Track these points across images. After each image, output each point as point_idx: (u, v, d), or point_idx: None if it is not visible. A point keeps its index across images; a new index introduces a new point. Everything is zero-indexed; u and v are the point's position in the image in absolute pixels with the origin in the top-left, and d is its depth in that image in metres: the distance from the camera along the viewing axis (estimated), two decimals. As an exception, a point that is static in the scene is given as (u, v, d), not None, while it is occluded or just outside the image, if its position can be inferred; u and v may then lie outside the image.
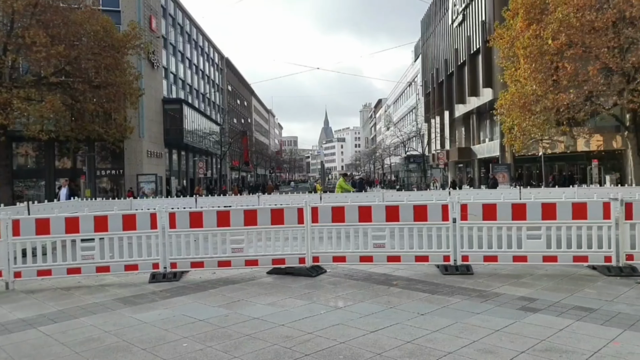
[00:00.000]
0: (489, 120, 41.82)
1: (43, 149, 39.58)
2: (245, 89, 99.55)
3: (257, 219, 8.42)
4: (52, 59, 27.77)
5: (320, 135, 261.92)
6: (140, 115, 40.42)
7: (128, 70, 31.87)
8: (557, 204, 7.84)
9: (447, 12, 51.26)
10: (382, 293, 6.93)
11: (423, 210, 8.25)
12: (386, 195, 20.31)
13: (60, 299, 7.30)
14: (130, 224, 8.25)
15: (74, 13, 28.86)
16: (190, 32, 62.61)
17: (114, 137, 33.17)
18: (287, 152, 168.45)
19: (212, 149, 60.47)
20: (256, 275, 8.47)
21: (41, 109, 26.38)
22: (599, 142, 32.72)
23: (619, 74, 23.16)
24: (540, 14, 25.04)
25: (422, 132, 62.16)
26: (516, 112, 26.11)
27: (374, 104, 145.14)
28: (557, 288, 6.86)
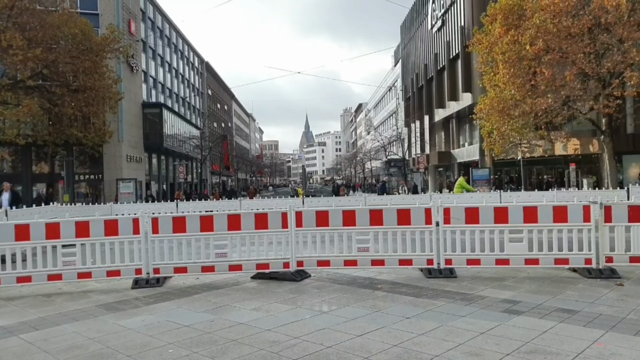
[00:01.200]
0: (469, 125, 42.23)
1: (20, 154, 38.94)
2: (225, 92, 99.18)
3: (240, 223, 8.38)
4: (29, 62, 27.39)
5: (301, 139, 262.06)
6: (120, 120, 40.05)
7: (107, 74, 31.60)
8: (539, 208, 7.95)
9: (426, 18, 51.70)
10: (367, 297, 6.95)
11: (406, 214, 8.29)
12: (368, 200, 20.39)
13: (41, 306, 7.19)
14: (112, 229, 8.16)
15: (52, 16, 28.52)
16: (170, 36, 62.24)
17: (93, 141, 32.84)
18: (267, 157, 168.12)
19: (193, 153, 60.14)
20: (240, 280, 8.43)
21: (18, 112, 26.02)
22: (576, 146, 33.27)
23: (595, 79, 23.61)
24: (518, 19, 25.43)
25: (403, 136, 62.50)
26: (495, 116, 26.44)
27: (353, 108, 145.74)
28: (540, 290, 6.95)
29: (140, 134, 46.56)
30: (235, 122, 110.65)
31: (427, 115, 53.06)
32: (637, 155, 32.55)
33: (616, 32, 22.58)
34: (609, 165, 25.63)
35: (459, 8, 40.63)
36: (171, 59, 61.87)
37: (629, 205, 7.86)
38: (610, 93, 23.07)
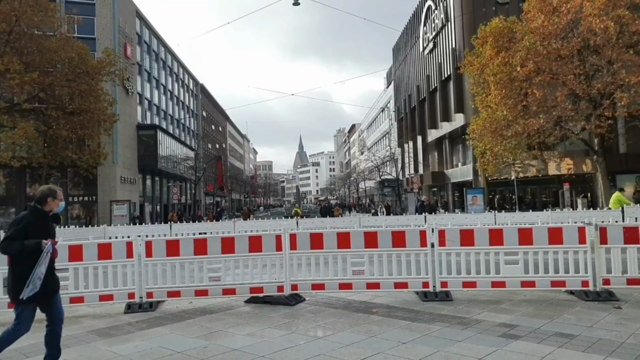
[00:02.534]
0: (462, 145, 42.43)
1: (14, 176, 38.75)
2: (219, 114, 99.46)
3: (234, 246, 8.34)
4: (26, 86, 27.49)
5: (295, 160, 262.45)
6: (114, 141, 40.02)
7: (102, 96, 31.66)
8: (534, 229, 7.94)
9: (418, 40, 52.21)
10: (363, 321, 6.89)
11: (401, 236, 8.27)
12: (362, 221, 20.34)
13: (32, 332, 7.00)
14: (105, 253, 8.10)
15: (49, 40, 28.69)
16: (165, 59, 62.58)
17: (88, 163, 32.77)
18: (261, 177, 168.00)
19: (187, 175, 60.06)
20: (234, 305, 8.35)
21: (14, 135, 25.98)
22: (570, 165, 33.43)
23: (585, 100, 23.84)
24: (508, 42, 25.74)
25: (396, 156, 62.68)
26: (488, 137, 26.57)
27: (346, 129, 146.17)
28: (537, 314, 6.91)
29: (134, 156, 46.51)
30: (230, 143, 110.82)
31: (420, 135, 53.29)
32: (630, 175, 32.73)
33: (605, 54, 22.87)
34: (603, 185, 25.75)
35: (450, 31, 41.08)
36: (166, 81, 62.11)
37: (624, 227, 7.87)
38: (602, 113, 23.28)
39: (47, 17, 28.38)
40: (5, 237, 4.80)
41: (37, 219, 4.95)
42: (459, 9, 39.06)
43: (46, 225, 5.04)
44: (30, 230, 4.82)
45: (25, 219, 4.88)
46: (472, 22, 36.08)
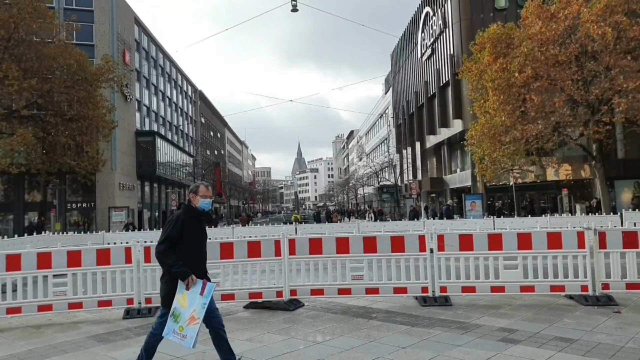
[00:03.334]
0: (460, 151, 42.45)
1: (12, 183, 38.73)
2: (218, 120, 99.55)
3: (233, 251, 8.33)
4: (25, 93, 27.51)
5: (294, 166, 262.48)
6: (113, 148, 40.05)
7: (101, 103, 31.68)
8: (532, 234, 7.95)
9: (416, 46, 52.33)
10: (362, 326, 6.88)
11: (400, 241, 8.27)
12: (361, 226, 20.33)
13: (31, 338, 7.06)
14: (104, 258, 8.09)
15: (48, 47, 28.72)
16: (164, 66, 62.69)
17: (86, 169, 32.75)
18: (260, 183, 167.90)
19: (185, 181, 60.06)
20: (233, 310, 8.33)
21: (12, 142, 25.96)
22: (568, 171, 33.48)
23: (583, 106, 23.88)
24: (506, 48, 25.79)
25: (395, 162, 62.70)
26: (486, 142, 26.58)
27: (344, 135, 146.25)
28: (536, 318, 6.90)
29: (133, 162, 46.51)
30: (228, 149, 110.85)
31: (419, 141, 53.34)
32: (628, 181, 32.77)
33: (603, 60, 22.92)
34: (601, 191, 25.76)
35: (448, 37, 41.18)
36: (165, 87, 62.20)
37: (623, 232, 7.87)
38: (600, 119, 23.30)
39: (46, 23, 28.43)
40: (165, 237, 4.74)
41: (191, 217, 4.89)
42: (457, 15, 39.20)
43: (199, 224, 4.97)
44: (185, 229, 4.77)
45: (180, 217, 4.83)
46: (470, 28, 36.19)
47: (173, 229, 4.74)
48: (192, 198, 4.95)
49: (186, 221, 4.81)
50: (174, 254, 4.69)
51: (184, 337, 4.52)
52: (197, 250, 4.88)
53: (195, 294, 4.56)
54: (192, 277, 4.62)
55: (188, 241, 4.78)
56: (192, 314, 4.52)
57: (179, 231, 4.74)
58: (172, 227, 4.74)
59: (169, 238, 4.71)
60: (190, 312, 4.53)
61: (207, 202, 4.98)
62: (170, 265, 4.66)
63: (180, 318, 4.57)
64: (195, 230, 4.87)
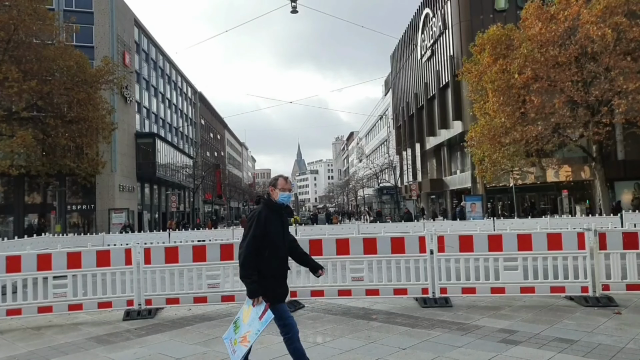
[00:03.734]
0: (460, 152, 42.47)
1: (12, 184, 38.72)
2: (218, 122, 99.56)
3: (233, 253, 8.32)
4: (24, 94, 27.51)
5: (294, 168, 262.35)
6: (113, 150, 40.05)
7: (101, 104, 31.69)
8: (533, 235, 7.94)
9: (416, 48, 52.38)
10: (362, 327, 6.87)
11: (400, 242, 8.26)
12: (361, 227, 20.34)
13: (31, 339, 7.06)
14: (104, 260, 8.09)
15: (47, 49, 28.72)
16: (164, 67, 62.71)
17: (86, 171, 32.75)
18: (260, 185, 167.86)
19: (185, 183, 60.06)
20: (233, 312, 8.31)
21: (12, 144, 25.98)
22: (568, 172, 33.48)
23: (583, 107, 23.89)
24: (506, 49, 25.82)
25: (394, 164, 62.72)
26: (486, 144, 26.60)
27: (344, 137, 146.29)
28: (537, 319, 6.90)
29: (133, 164, 46.51)
30: (228, 150, 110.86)
31: (419, 143, 53.35)
32: (628, 182, 32.78)
33: (603, 61, 22.95)
34: (601, 192, 25.78)
35: (448, 38, 41.22)
36: (164, 89, 62.22)
37: (623, 233, 7.87)
38: (600, 120, 23.33)
39: (46, 25, 28.43)
40: (250, 236, 4.43)
41: (271, 211, 4.58)
42: (456, 17, 39.23)
43: (280, 218, 4.66)
44: (268, 224, 4.47)
45: (262, 213, 4.51)
46: (470, 29, 36.23)
47: (257, 226, 4.44)
48: (271, 191, 4.68)
49: (268, 217, 4.51)
50: (255, 258, 4.41)
51: (234, 352, 4.35)
52: (281, 247, 4.61)
53: (256, 314, 4.34)
54: (259, 298, 4.35)
55: (272, 238, 4.50)
56: (246, 333, 4.35)
57: (263, 228, 4.45)
58: (256, 225, 4.45)
59: (255, 237, 4.43)
60: (246, 330, 4.36)
61: (287, 195, 4.69)
62: (244, 277, 4.42)
63: (239, 330, 4.41)
64: (278, 226, 4.59)
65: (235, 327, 4.44)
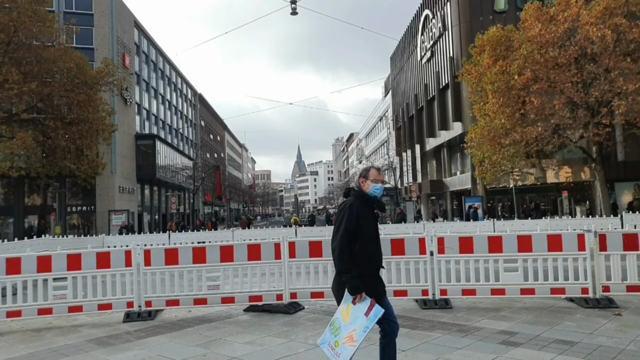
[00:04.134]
0: (460, 153, 42.47)
1: (12, 186, 38.75)
2: (218, 123, 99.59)
3: (233, 254, 8.32)
4: (25, 96, 27.53)
5: (294, 169, 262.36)
6: (113, 151, 40.09)
7: (101, 106, 31.72)
8: (533, 236, 7.93)
9: (415, 49, 52.41)
10: (362, 329, 6.85)
11: (400, 243, 8.25)
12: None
13: (31, 342, 7.05)
14: (104, 262, 8.08)
15: (47, 51, 28.75)
16: (164, 69, 62.76)
17: (86, 173, 32.77)
18: (260, 186, 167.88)
19: (185, 184, 60.08)
20: (233, 313, 8.32)
21: (12, 145, 26.00)
22: (568, 173, 33.49)
23: (583, 108, 23.89)
24: (505, 50, 25.83)
25: (395, 165, 62.71)
26: (486, 145, 26.60)
27: (343, 138, 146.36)
28: (537, 321, 6.89)
29: (133, 166, 46.54)
30: (228, 152, 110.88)
31: (418, 144, 53.36)
32: (628, 183, 32.79)
33: (602, 62, 22.95)
34: (602, 193, 25.77)
35: (448, 39, 41.24)
36: (164, 91, 62.25)
37: (623, 234, 7.86)
38: (599, 121, 23.33)
39: (46, 27, 28.44)
40: (343, 230, 4.09)
41: (362, 204, 4.25)
42: (456, 18, 39.26)
43: (372, 211, 4.33)
44: (360, 217, 4.14)
45: (354, 205, 4.18)
46: (470, 30, 36.25)
47: (349, 219, 4.11)
48: (362, 183, 4.35)
49: (360, 209, 4.19)
50: (351, 254, 4.08)
51: (337, 355, 4.02)
52: (374, 242, 4.28)
53: (360, 312, 4.03)
54: (362, 294, 4.00)
55: (365, 232, 4.16)
56: (351, 332, 4.01)
57: (356, 221, 4.12)
58: (348, 218, 4.11)
59: (347, 231, 4.09)
60: (350, 329, 4.02)
61: (379, 188, 4.35)
62: (343, 271, 4.06)
63: (339, 332, 4.08)
64: (370, 219, 4.25)
65: (333, 329, 4.13)
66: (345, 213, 4.15)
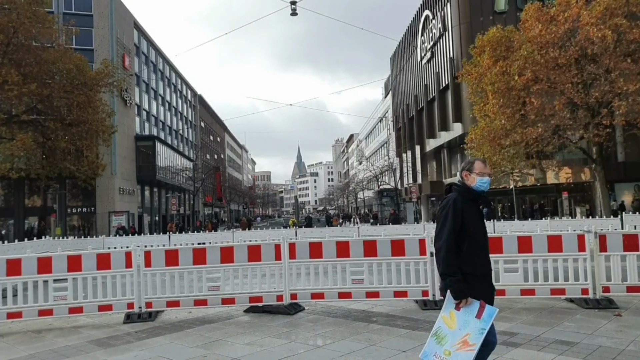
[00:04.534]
0: (460, 154, 42.47)
1: (13, 187, 38.76)
2: (218, 125, 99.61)
3: (233, 256, 8.32)
4: (24, 97, 27.53)
5: (294, 170, 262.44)
6: (113, 153, 40.11)
7: (101, 107, 31.71)
8: (533, 237, 7.93)
9: (415, 50, 52.44)
10: (362, 330, 6.87)
11: (400, 244, 8.26)
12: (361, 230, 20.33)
13: (31, 343, 7.06)
14: (104, 263, 8.09)
15: (47, 52, 28.75)
16: (163, 70, 62.78)
17: (86, 174, 32.77)
18: (260, 187, 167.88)
19: (185, 185, 60.10)
20: (233, 314, 8.32)
21: (12, 147, 26.01)
22: (568, 174, 33.49)
23: (583, 109, 23.89)
24: (506, 51, 25.82)
25: (395, 166, 62.73)
26: (486, 146, 26.59)
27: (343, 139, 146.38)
28: (537, 322, 6.89)
29: (133, 167, 46.55)
30: (228, 153, 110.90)
31: (419, 145, 53.38)
32: (629, 184, 32.79)
33: (603, 63, 22.96)
34: (602, 194, 25.77)
35: (448, 40, 41.27)
36: (164, 92, 62.28)
37: (623, 235, 7.86)
38: (600, 122, 23.33)
39: (45, 28, 28.42)
40: (446, 232, 3.75)
41: (467, 200, 3.90)
42: (456, 19, 39.28)
43: (477, 208, 3.99)
44: (465, 215, 3.80)
45: (457, 202, 3.83)
46: (470, 31, 36.25)
47: (453, 218, 3.77)
48: (466, 176, 4.00)
49: (465, 206, 3.84)
50: (456, 256, 3.75)
51: None
52: (483, 241, 3.92)
53: (469, 315, 3.72)
54: (467, 299, 3.68)
55: (471, 231, 3.82)
56: (464, 337, 3.70)
57: (461, 219, 3.79)
58: (452, 217, 3.78)
59: (453, 230, 3.76)
60: (461, 335, 3.71)
61: (486, 181, 3.97)
62: (448, 274, 3.72)
63: (446, 341, 3.75)
64: (476, 217, 3.91)
65: (438, 339, 3.79)
66: (450, 210, 3.80)
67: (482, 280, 3.86)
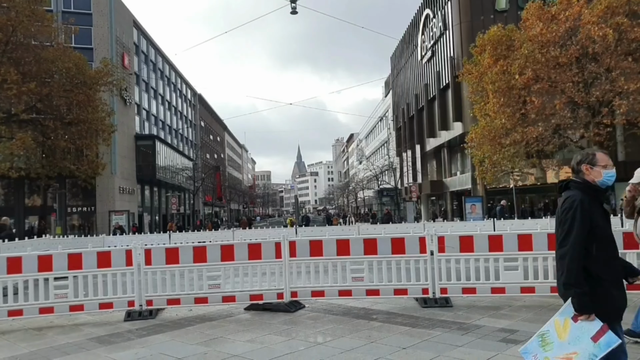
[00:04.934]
0: (460, 154, 42.48)
1: (12, 187, 38.75)
2: (218, 124, 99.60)
3: (234, 254, 8.33)
4: (23, 96, 27.52)
5: (294, 170, 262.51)
6: (113, 152, 40.08)
7: (100, 106, 31.71)
8: (533, 235, 7.94)
9: (416, 49, 52.43)
10: (362, 327, 6.88)
11: (401, 243, 8.27)
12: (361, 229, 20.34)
13: (33, 340, 7.07)
14: (105, 261, 8.09)
15: (46, 50, 28.74)
16: (163, 69, 62.76)
17: (86, 173, 32.78)
18: (260, 187, 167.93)
19: (185, 185, 60.10)
20: (234, 312, 8.34)
21: (11, 146, 26.02)
22: (568, 174, 33.44)
23: (584, 108, 23.91)
24: (506, 50, 25.83)
25: (395, 165, 62.73)
26: (486, 145, 26.60)
27: (343, 138, 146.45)
28: (537, 319, 6.89)
29: (133, 166, 46.55)
30: (228, 153, 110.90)
31: (419, 144, 53.37)
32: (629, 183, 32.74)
33: (604, 62, 22.97)
34: (602, 193, 25.74)
35: (448, 39, 41.26)
36: (164, 91, 62.25)
37: (623, 232, 7.87)
38: (600, 121, 23.34)
39: (44, 27, 28.43)
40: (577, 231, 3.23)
41: (590, 197, 3.37)
42: (457, 18, 39.27)
43: (601, 205, 3.46)
44: (592, 214, 3.28)
45: (584, 203, 3.28)
46: (471, 30, 36.24)
47: (582, 219, 3.24)
48: (587, 170, 3.43)
49: (591, 205, 3.32)
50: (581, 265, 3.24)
51: None
52: (612, 243, 3.39)
53: (584, 333, 3.25)
54: (591, 315, 3.21)
55: (600, 232, 3.32)
56: (570, 355, 3.26)
57: (590, 221, 3.27)
58: (581, 217, 3.24)
59: (582, 235, 3.25)
60: (568, 350, 3.26)
61: (613, 174, 3.44)
62: (573, 285, 3.22)
63: (551, 348, 3.32)
64: (603, 215, 3.39)
65: (543, 342, 3.38)
66: (577, 211, 3.26)
67: (616, 289, 3.44)
